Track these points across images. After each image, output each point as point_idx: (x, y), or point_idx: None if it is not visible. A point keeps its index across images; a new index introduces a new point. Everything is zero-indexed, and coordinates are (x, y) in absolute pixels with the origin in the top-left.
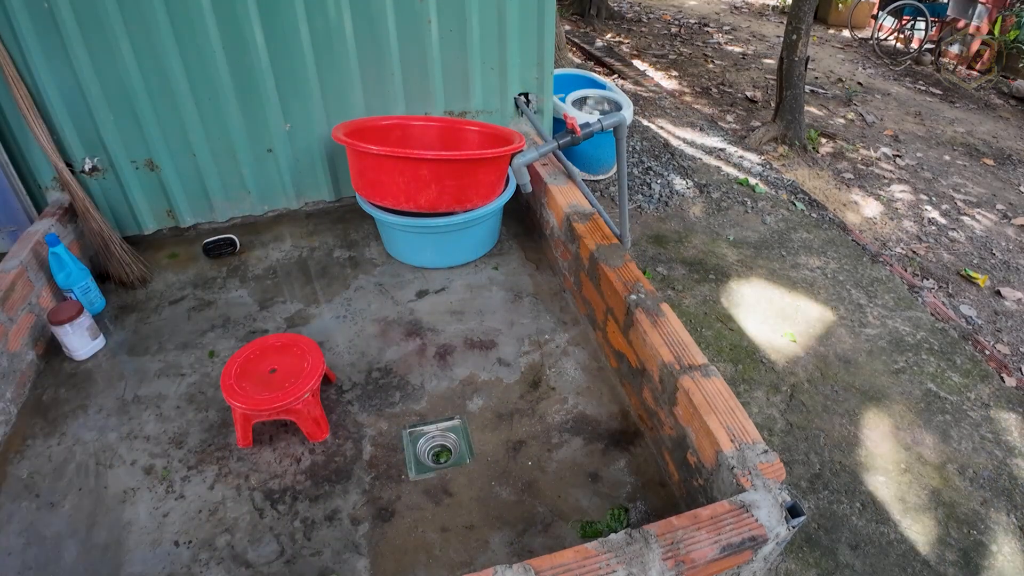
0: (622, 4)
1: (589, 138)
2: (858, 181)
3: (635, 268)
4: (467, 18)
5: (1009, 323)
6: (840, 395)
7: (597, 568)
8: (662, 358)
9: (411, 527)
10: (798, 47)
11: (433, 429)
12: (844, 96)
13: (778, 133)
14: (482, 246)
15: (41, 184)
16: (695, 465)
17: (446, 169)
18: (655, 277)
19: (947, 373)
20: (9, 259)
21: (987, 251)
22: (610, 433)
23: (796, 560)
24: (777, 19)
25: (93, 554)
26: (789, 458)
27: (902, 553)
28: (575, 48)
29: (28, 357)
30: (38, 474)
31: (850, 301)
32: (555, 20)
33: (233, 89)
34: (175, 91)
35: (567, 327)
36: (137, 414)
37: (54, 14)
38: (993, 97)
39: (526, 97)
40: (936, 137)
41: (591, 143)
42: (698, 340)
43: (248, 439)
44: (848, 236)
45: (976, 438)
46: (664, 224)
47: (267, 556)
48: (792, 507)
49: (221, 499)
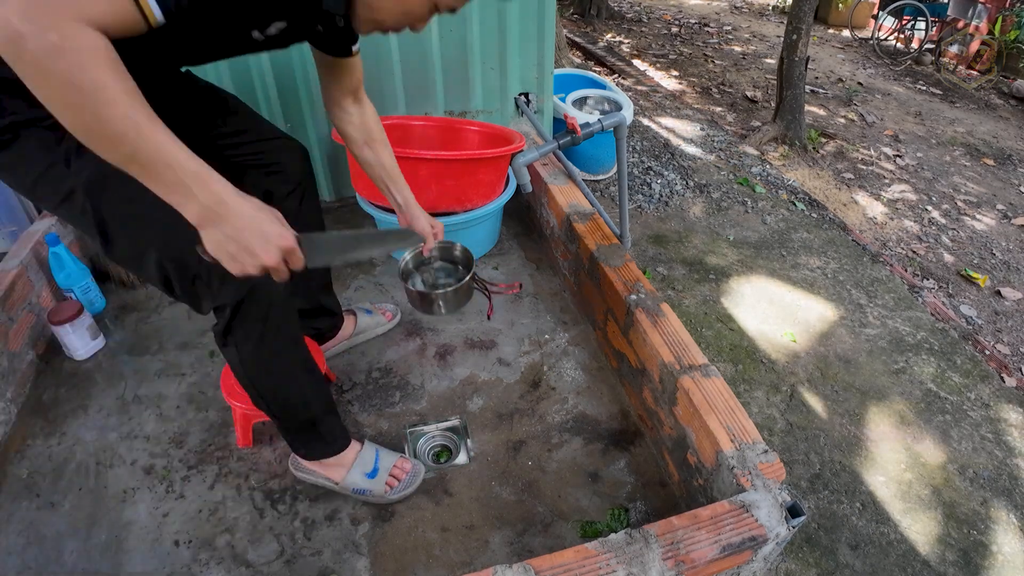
0: (622, 4)
1: (589, 138)
2: (858, 181)
3: (635, 268)
4: (467, 18)
5: (1009, 323)
6: (840, 395)
7: (597, 568)
8: (662, 358)
9: (411, 527)
10: (798, 47)
11: (433, 429)
12: (844, 96)
13: (778, 133)
14: (482, 246)
15: None
16: (695, 465)
17: (446, 169)
18: (655, 277)
19: (947, 373)
20: (9, 259)
21: (987, 251)
22: (610, 433)
23: (796, 560)
24: (777, 19)
25: (93, 554)
26: (789, 458)
27: (902, 553)
28: (575, 48)
29: (28, 357)
30: (38, 474)
31: (850, 301)
32: (555, 20)
33: (233, 89)
34: None
35: (567, 327)
36: (137, 414)
37: None
38: (993, 97)
39: (526, 97)
40: (936, 137)
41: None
42: (698, 340)
43: (248, 439)
44: (848, 236)
45: (976, 438)
46: (664, 224)
47: (267, 556)
48: (792, 507)
49: (221, 499)
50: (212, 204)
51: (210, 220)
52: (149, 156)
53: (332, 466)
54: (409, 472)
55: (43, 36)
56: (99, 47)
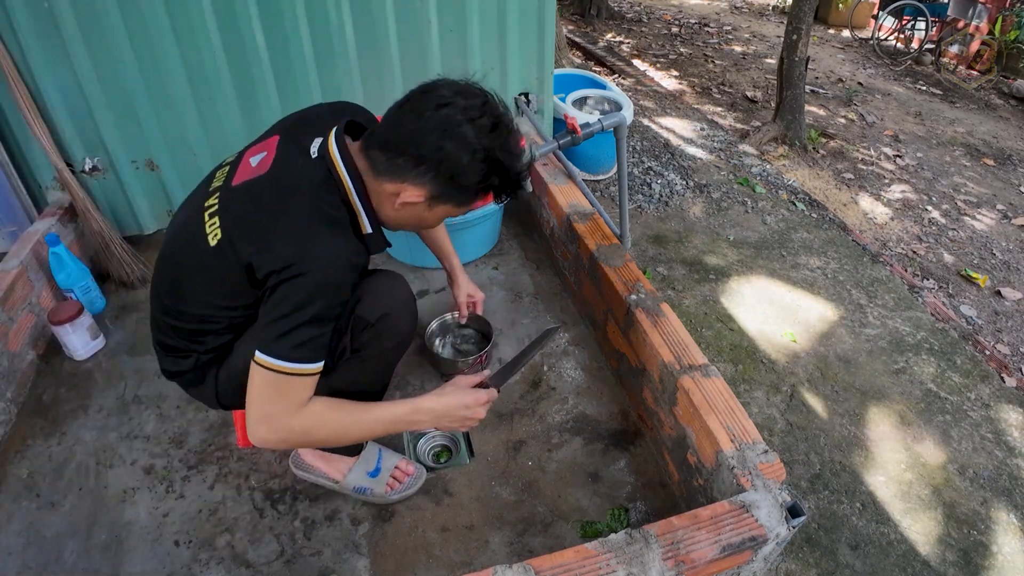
0: (622, 4)
1: (589, 138)
2: (858, 181)
3: (635, 268)
4: (467, 18)
5: (1009, 323)
6: (840, 395)
7: (597, 568)
8: (662, 358)
9: (411, 527)
10: (798, 47)
11: (433, 429)
12: (844, 96)
13: (778, 133)
14: (482, 246)
15: (41, 184)
16: (695, 465)
17: None
18: (655, 277)
19: (947, 373)
20: (9, 259)
21: (987, 251)
22: (610, 433)
23: (796, 560)
24: (777, 19)
25: (93, 554)
26: (789, 458)
27: (902, 553)
28: (575, 48)
29: (28, 357)
30: (38, 474)
31: (850, 301)
32: (555, 20)
33: (233, 89)
34: (175, 91)
35: (567, 327)
36: (137, 414)
37: (54, 14)
38: (993, 97)
39: (526, 97)
40: (936, 137)
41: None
42: (698, 340)
43: (248, 439)
44: (848, 236)
45: (976, 438)
46: (664, 224)
47: (267, 556)
48: (792, 507)
49: (221, 499)
50: (429, 419)
51: (435, 423)
52: (385, 431)
53: (335, 462)
54: (412, 476)
55: (291, 434)
56: (317, 411)
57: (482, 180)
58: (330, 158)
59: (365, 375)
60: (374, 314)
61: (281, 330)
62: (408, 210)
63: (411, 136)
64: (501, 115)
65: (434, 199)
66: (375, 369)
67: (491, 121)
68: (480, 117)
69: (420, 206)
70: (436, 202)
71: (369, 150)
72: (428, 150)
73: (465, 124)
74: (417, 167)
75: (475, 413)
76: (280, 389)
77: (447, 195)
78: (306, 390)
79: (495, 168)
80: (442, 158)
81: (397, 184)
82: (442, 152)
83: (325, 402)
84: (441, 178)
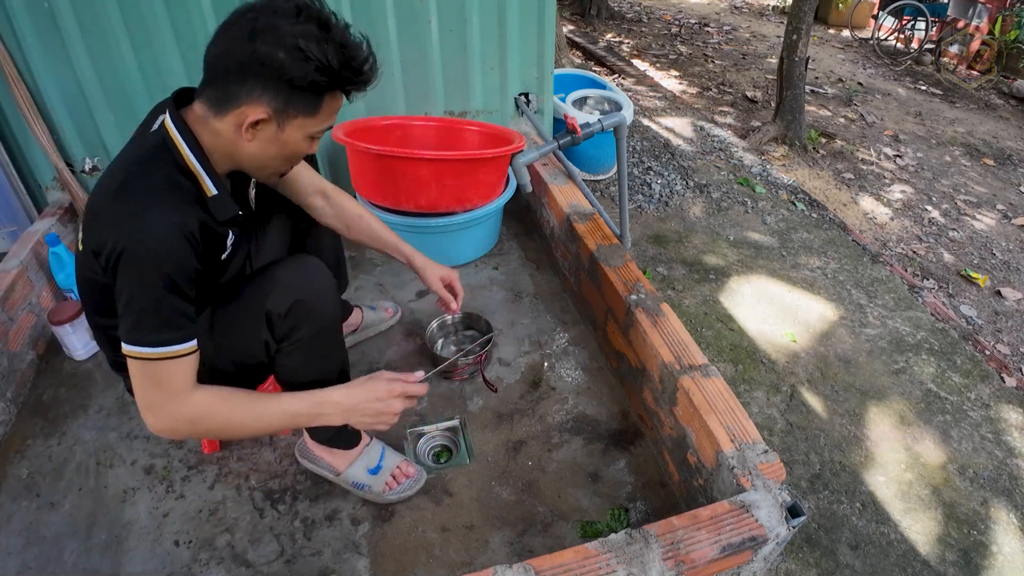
0: (622, 4)
1: (589, 138)
2: (858, 181)
3: (635, 268)
4: (467, 18)
5: (1009, 323)
6: (840, 395)
7: (597, 568)
8: (662, 358)
9: (411, 527)
10: (798, 47)
11: (433, 429)
12: (844, 96)
13: (778, 133)
14: (482, 246)
15: (41, 184)
16: (695, 465)
17: (446, 169)
18: (655, 277)
19: (947, 373)
20: (9, 259)
21: (987, 251)
22: (610, 433)
23: (796, 560)
24: (777, 19)
25: (93, 554)
26: (789, 458)
27: (902, 553)
28: (575, 48)
29: (28, 357)
30: (38, 474)
31: (850, 301)
32: (555, 20)
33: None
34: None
35: (567, 327)
36: (137, 414)
37: (54, 14)
38: (993, 97)
39: (526, 97)
40: (936, 137)
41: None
42: (698, 340)
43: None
44: (848, 236)
45: (976, 438)
46: (664, 224)
47: (267, 556)
48: (792, 507)
49: (221, 499)
50: (336, 412)
51: (345, 417)
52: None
53: (339, 454)
54: (411, 478)
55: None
56: (204, 400)
57: (315, 73)
58: (163, 126)
59: (308, 366)
60: (284, 304)
61: (132, 317)
62: (262, 136)
63: (227, 53)
64: (310, 5)
65: (280, 112)
66: (312, 358)
67: (297, 8)
68: (288, 12)
69: (271, 127)
70: (284, 116)
71: (202, 95)
72: (244, 57)
73: (273, 19)
74: (244, 82)
75: (389, 407)
76: (154, 377)
77: (290, 103)
78: (181, 374)
79: (321, 56)
80: (261, 60)
81: (236, 111)
82: (256, 54)
83: (215, 391)
84: (271, 85)
